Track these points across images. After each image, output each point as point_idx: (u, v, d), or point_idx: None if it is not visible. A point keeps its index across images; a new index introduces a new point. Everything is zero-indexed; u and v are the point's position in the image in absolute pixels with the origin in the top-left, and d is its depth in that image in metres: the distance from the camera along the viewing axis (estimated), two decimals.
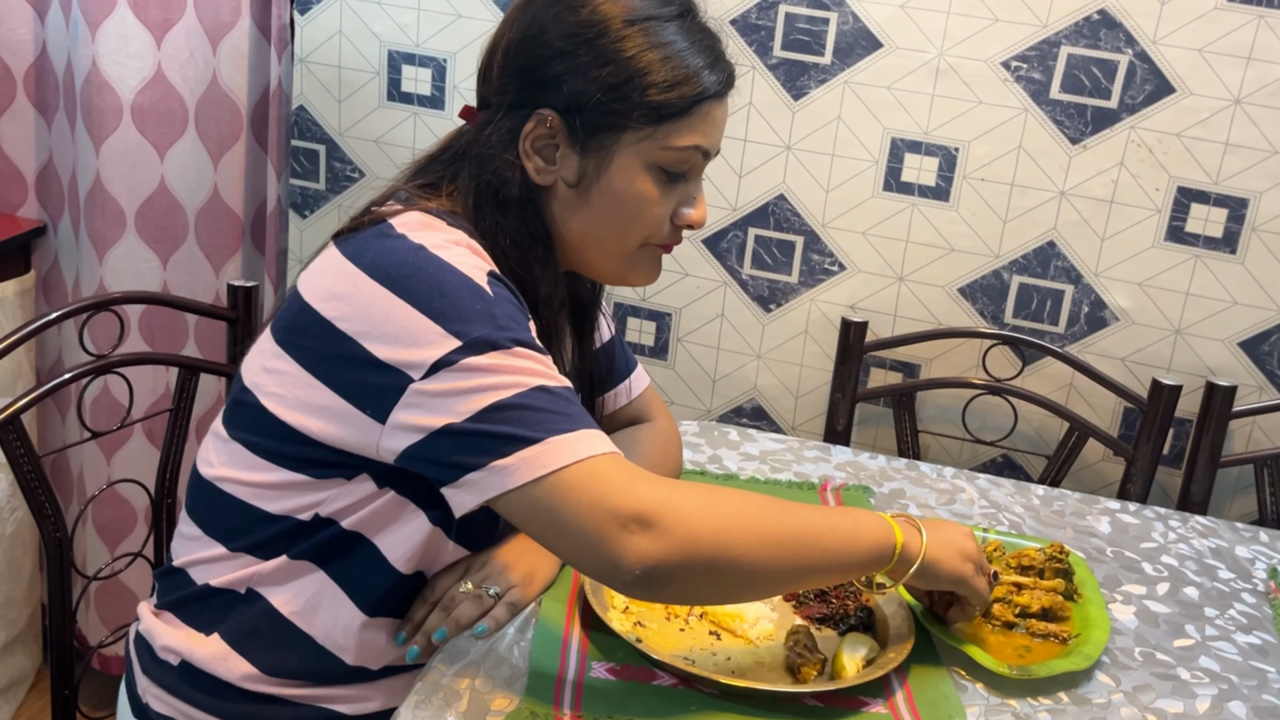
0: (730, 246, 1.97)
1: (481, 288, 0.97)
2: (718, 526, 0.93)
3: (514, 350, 0.95)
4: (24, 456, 1.29)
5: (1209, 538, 1.48)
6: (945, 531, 1.08)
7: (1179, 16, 1.72)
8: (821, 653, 1.07)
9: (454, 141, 1.12)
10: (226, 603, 1.08)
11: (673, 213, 1.11)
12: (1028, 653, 1.14)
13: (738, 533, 0.94)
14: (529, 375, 0.95)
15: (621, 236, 1.11)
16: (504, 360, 0.94)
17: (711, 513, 0.94)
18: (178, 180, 1.92)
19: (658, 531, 0.91)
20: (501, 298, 0.98)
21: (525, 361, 0.96)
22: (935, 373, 1.94)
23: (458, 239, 1.01)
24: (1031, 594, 1.20)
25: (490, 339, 0.95)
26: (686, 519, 0.92)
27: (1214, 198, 1.78)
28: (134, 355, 1.45)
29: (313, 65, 2.04)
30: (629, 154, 1.06)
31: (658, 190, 1.09)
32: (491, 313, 0.96)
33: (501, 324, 0.96)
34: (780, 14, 1.85)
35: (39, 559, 2.11)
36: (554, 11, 1.06)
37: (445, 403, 0.94)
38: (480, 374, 0.94)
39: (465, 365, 0.94)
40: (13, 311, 1.96)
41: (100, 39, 1.81)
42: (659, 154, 1.07)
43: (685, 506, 0.93)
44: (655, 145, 1.06)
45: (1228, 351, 1.83)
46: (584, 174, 1.07)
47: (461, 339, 0.94)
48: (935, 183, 1.87)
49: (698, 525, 0.93)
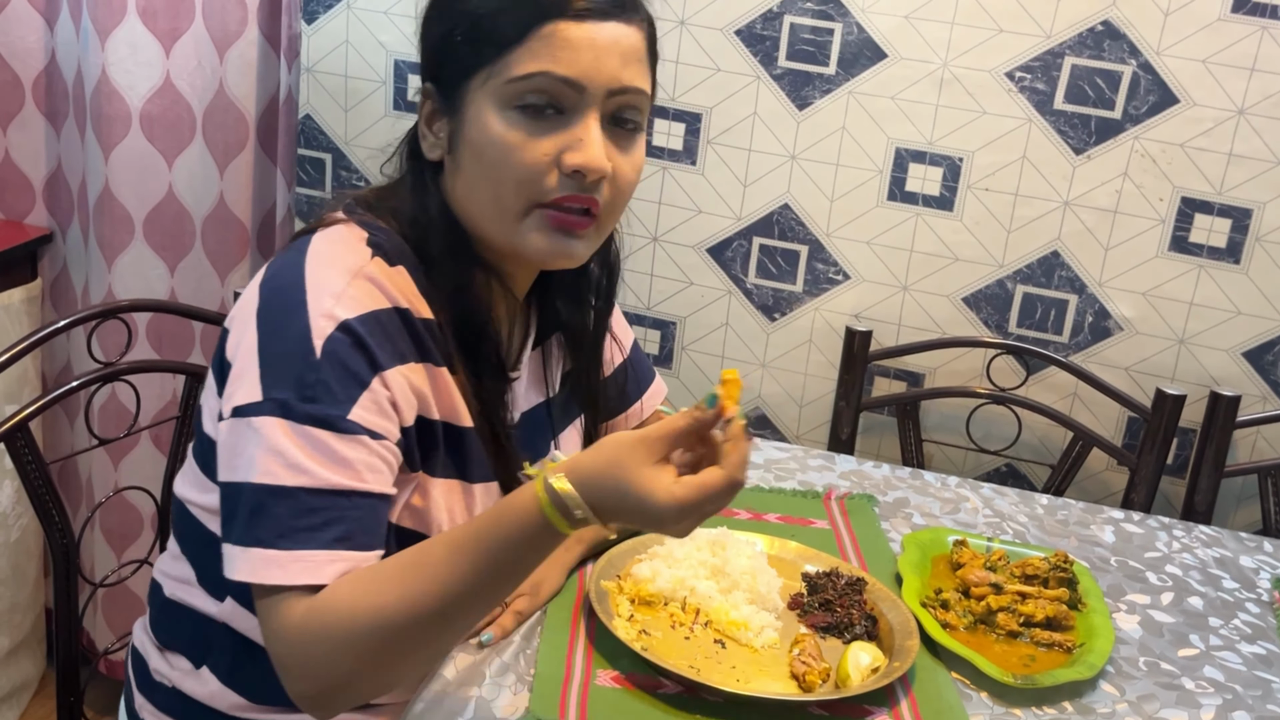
0: (735, 255, 1.97)
1: (312, 345, 0.91)
2: (366, 662, 0.86)
3: (303, 429, 0.89)
4: (32, 464, 1.30)
5: (1213, 547, 1.48)
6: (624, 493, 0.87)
7: (1183, 27, 1.72)
8: (826, 661, 1.07)
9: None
10: (210, 632, 1.07)
11: (558, 161, 0.98)
12: (1032, 662, 1.14)
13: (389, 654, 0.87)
14: (288, 468, 0.88)
15: (496, 194, 1.00)
16: (280, 436, 0.89)
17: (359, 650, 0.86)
18: (185, 188, 1.93)
19: (305, 684, 0.88)
20: (333, 361, 0.91)
21: (299, 445, 0.89)
22: (939, 382, 1.95)
23: (352, 265, 0.96)
24: (1036, 603, 1.21)
25: (286, 405, 0.89)
26: (334, 670, 0.87)
27: (1218, 208, 1.78)
28: (142, 363, 1.46)
29: (319, 74, 2.05)
30: (479, 99, 0.99)
31: (519, 132, 0.97)
32: (304, 378, 0.90)
33: (309, 393, 0.90)
34: (785, 25, 1.85)
35: (44, 564, 2.11)
36: None
37: (224, 453, 0.92)
38: (253, 440, 0.89)
39: (250, 423, 0.90)
40: (19, 318, 1.97)
41: (110, 48, 1.82)
42: (505, 89, 0.97)
43: (334, 658, 0.86)
44: (500, 82, 0.97)
45: (1232, 361, 1.83)
46: (452, 135, 1.02)
47: (263, 394, 0.90)
48: (939, 192, 1.87)
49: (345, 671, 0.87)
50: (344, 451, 0.90)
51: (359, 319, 0.94)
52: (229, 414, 0.92)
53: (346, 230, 1.01)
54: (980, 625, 1.20)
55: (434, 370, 1.01)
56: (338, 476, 0.90)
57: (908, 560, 1.28)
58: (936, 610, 1.19)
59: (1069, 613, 1.22)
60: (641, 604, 1.14)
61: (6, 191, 2.04)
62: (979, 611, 1.20)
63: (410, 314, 0.99)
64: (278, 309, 0.94)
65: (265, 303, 0.95)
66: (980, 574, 1.25)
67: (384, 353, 0.95)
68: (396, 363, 0.96)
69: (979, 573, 1.25)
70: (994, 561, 1.31)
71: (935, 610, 1.19)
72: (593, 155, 0.98)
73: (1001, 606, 1.20)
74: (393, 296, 0.97)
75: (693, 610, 1.14)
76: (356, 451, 0.91)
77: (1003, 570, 1.29)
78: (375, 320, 0.95)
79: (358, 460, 0.91)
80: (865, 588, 1.19)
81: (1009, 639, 1.18)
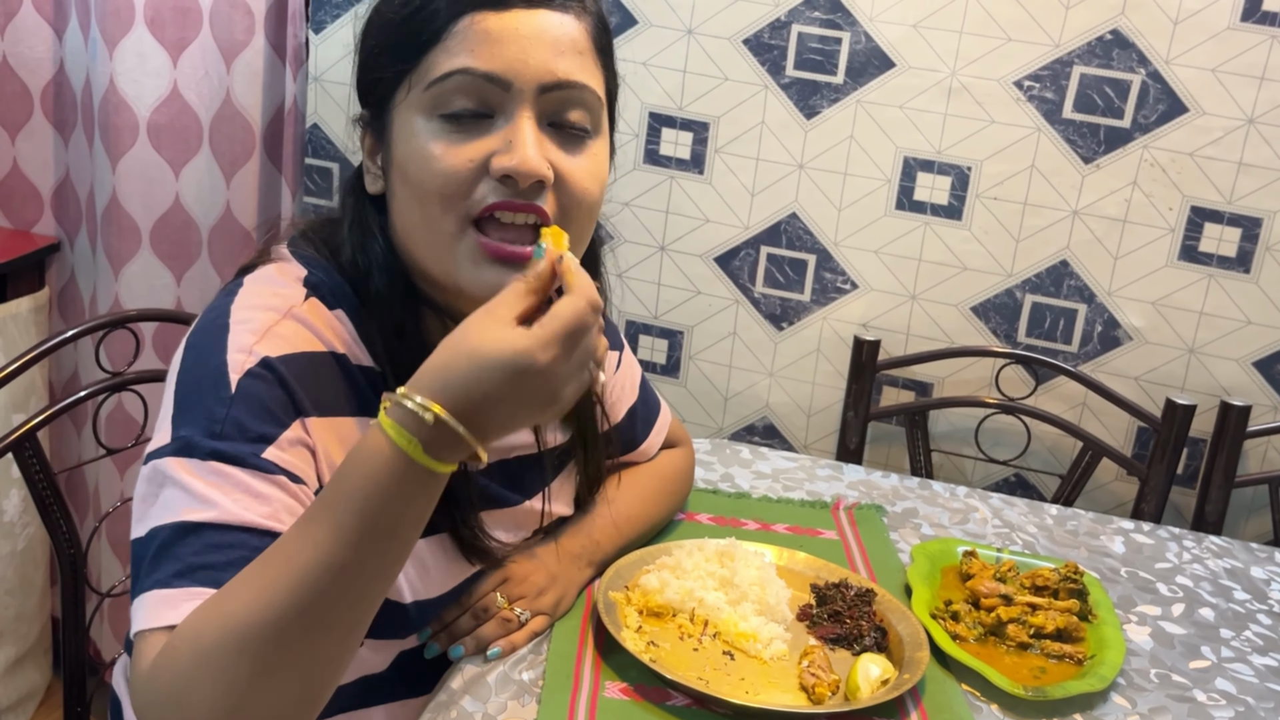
0: (742, 265, 1.97)
1: (227, 379, 0.84)
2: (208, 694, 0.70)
3: (207, 464, 0.80)
4: (40, 473, 1.30)
5: (1224, 558, 1.47)
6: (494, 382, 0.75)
7: (1192, 37, 1.72)
8: (836, 673, 1.06)
9: None
10: None
11: (486, 167, 0.89)
12: (1043, 674, 1.13)
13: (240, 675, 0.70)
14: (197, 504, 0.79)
15: (425, 215, 0.90)
16: (183, 474, 0.80)
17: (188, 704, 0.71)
18: (192, 198, 1.93)
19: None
20: (248, 398, 0.83)
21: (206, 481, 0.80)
22: (948, 391, 1.94)
23: (280, 305, 0.90)
24: (1046, 615, 1.20)
25: (190, 443, 0.81)
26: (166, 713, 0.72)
27: (1227, 217, 1.78)
28: (149, 372, 1.45)
29: (327, 84, 2.05)
30: (403, 113, 0.91)
31: (441, 141, 0.88)
32: (214, 414, 0.82)
33: (217, 429, 0.81)
34: (793, 34, 1.85)
35: (50, 574, 2.12)
36: None
37: (136, 505, 0.83)
38: (159, 484, 0.81)
39: (156, 467, 0.82)
40: (27, 327, 1.97)
41: (118, 57, 1.83)
42: (426, 97, 0.89)
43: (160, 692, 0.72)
44: (420, 90, 0.89)
45: (1242, 371, 1.82)
46: (384, 161, 0.95)
47: (173, 436, 0.83)
48: (948, 201, 1.87)
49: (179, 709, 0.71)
50: (259, 488, 0.81)
51: (283, 358, 0.87)
52: (142, 463, 0.84)
53: (282, 269, 0.95)
54: (990, 637, 1.19)
55: (366, 423, 0.92)
56: (251, 513, 0.80)
57: (917, 571, 1.27)
58: (946, 621, 1.19)
59: (1080, 624, 1.21)
60: (650, 615, 1.14)
61: (15, 201, 2.04)
62: (989, 623, 1.20)
63: (347, 360, 0.92)
64: (196, 348, 0.88)
65: (189, 346, 0.89)
66: (990, 585, 1.24)
67: (310, 400, 0.88)
68: (324, 414, 0.89)
69: (989, 584, 1.25)
70: (1004, 573, 1.30)
71: (945, 621, 1.19)
72: (525, 156, 0.87)
73: (1012, 618, 1.19)
74: (327, 340, 0.91)
75: (701, 621, 1.13)
76: (273, 490, 0.82)
77: (1013, 581, 1.28)
78: (304, 362, 0.88)
79: (275, 499, 0.81)
80: (874, 599, 1.18)
81: (1019, 651, 1.17)
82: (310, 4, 1.99)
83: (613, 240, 2.00)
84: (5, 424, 1.86)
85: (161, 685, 0.72)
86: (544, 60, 0.89)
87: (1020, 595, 1.24)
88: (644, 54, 1.90)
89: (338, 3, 2.01)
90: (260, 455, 0.82)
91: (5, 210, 2.05)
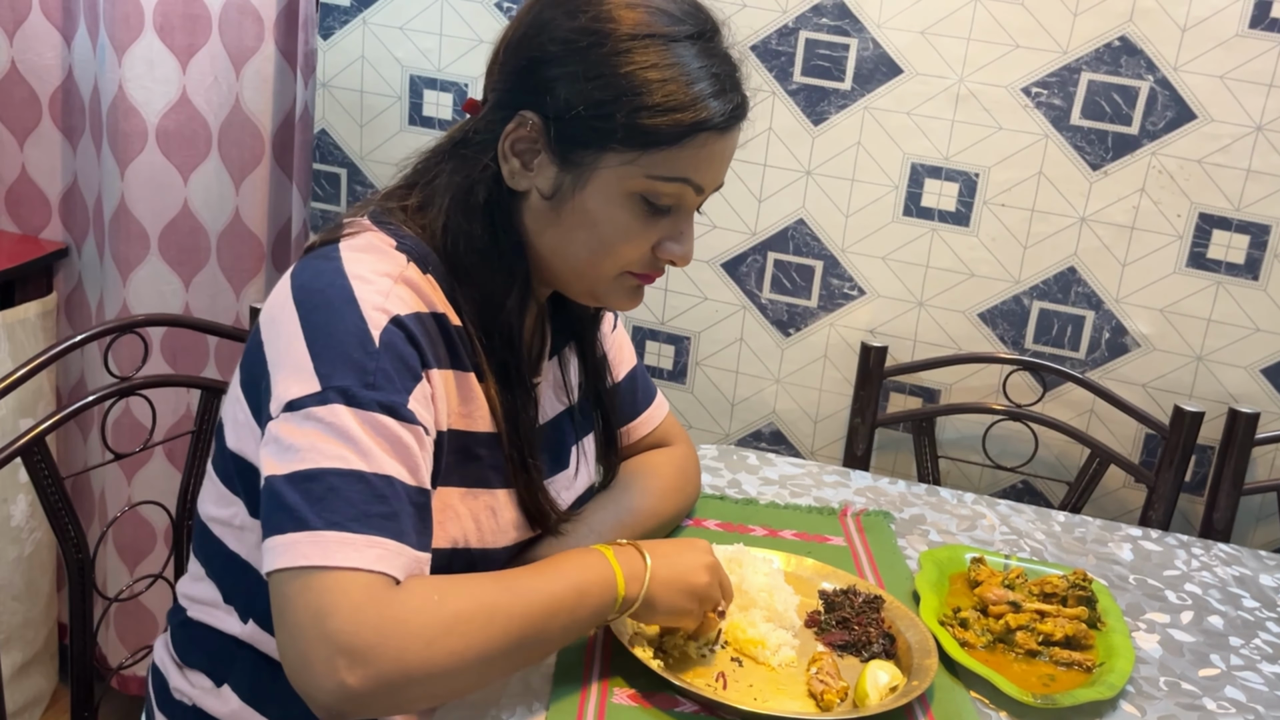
0: (749, 270, 1.97)
1: (369, 334, 0.91)
2: (435, 663, 0.85)
3: (370, 415, 0.89)
4: (48, 479, 1.30)
5: (1232, 565, 1.47)
6: (677, 566, 1.03)
7: (1200, 44, 1.72)
8: (844, 680, 1.06)
9: (452, 135, 1.08)
10: (232, 651, 1.06)
11: (656, 244, 1.03)
12: (1052, 681, 1.13)
13: (458, 663, 0.87)
14: (361, 454, 0.88)
15: (595, 261, 1.03)
16: (349, 422, 0.88)
17: (434, 649, 0.85)
18: (200, 203, 1.94)
19: (364, 669, 0.82)
20: (391, 351, 0.92)
21: (367, 432, 0.89)
22: (955, 398, 1.94)
23: (391, 270, 0.96)
24: (1055, 622, 1.20)
25: (349, 392, 0.89)
26: (401, 662, 0.83)
27: (1236, 224, 1.77)
28: (157, 377, 1.46)
29: (335, 89, 2.06)
30: (609, 176, 0.99)
31: (638, 220, 1.01)
32: (364, 365, 0.90)
33: (370, 380, 0.90)
34: (800, 40, 1.85)
35: (56, 579, 2.12)
36: (559, 13, 0.99)
37: (277, 450, 0.89)
38: (318, 428, 0.88)
39: (311, 414, 0.88)
40: (35, 332, 1.97)
41: (127, 64, 1.83)
42: (642, 182, 0.99)
43: (407, 646, 0.84)
44: (639, 172, 0.98)
45: (1250, 378, 1.82)
46: (559, 187, 1.01)
47: (322, 384, 0.89)
48: (955, 208, 1.87)
49: (413, 666, 0.84)
50: (406, 439, 0.91)
51: (408, 317, 0.95)
52: (280, 411, 0.90)
53: (375, 237, 1.01)
54: (999, 644, 1.19)
55: (463, 376, 1.02)
56: (400, 468, 0.90)
57: (925, 578, 1.27)
58: (955, 629, 1.18)
59: (1089, 632, 1.21)
60: None
61: (23, 206, 2.05)
62: (997, 630, 1.19)
63: (446, 319, 1.00)
64: (324, 307, 0.93)
65: (307, 303, 0.94)
66: (998, 592, 1.24)
67: (430, 353, 0.97)
68: (437, 365, 0.98)
69: (997, 591, 1.24)
70: (1011, 579, 1.30)
71: (953, 629, 1.18)
72: (689, 250, 1.05)
73: (1020, 625, 1.19)
74: (430, 301, 0.98)
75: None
76: (413, 442, 0.91)
77: (1021, 588, 1.28)
78: (422, 320, 0.96)
79: (414, 451, 0.91)
80: (883, 605, 1.18)
81: (1028, 658, 1.17)
82: (319, 10, 2.00)
83: None
84: (13, 429, 1.86)
85: (413, 625, 0.84)
86: (726, 170, 1.05)
87: (1029, 602, 1.23)
88: None
89: (346, 10, 2.02)
90: (407, 406, 0.92)
91: (14, 216, 2.05)
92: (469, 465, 1.04)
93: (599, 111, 0.97)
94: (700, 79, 0.97)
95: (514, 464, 1.06)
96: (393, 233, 1.02)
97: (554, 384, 1.19)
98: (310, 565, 0.84)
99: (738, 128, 1.02)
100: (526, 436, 1.06)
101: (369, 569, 0.85)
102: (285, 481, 0.87)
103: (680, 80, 0.97)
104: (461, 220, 1.02)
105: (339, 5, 2.02)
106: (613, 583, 0.98)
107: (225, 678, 1.07)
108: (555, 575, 0.96)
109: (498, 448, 1.05)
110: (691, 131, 0.97)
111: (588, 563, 0.99)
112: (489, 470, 1.05)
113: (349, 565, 0.84)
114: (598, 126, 0.97)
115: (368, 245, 0.99)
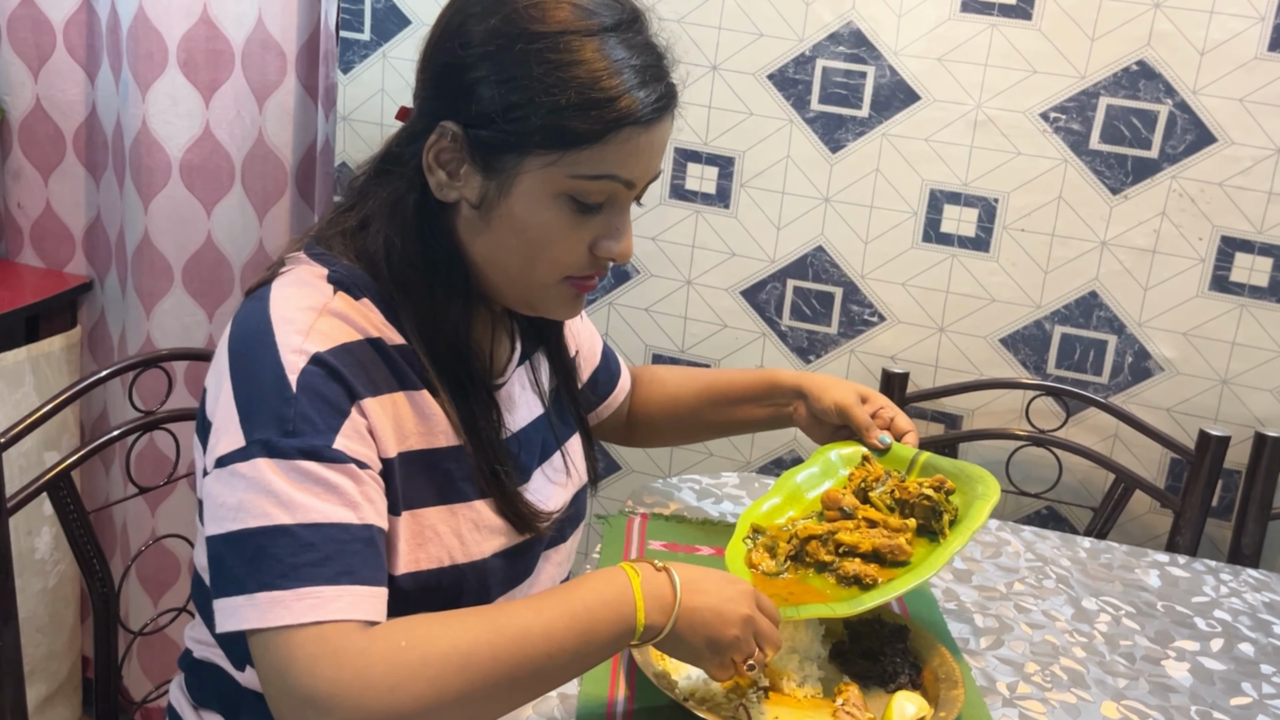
0: (769, 298, 1.97)
1: (286, 380, 0.90)
2: (402, 708, 0.83)
3: (292, 464, 0.88)
4: (74, 513, 1.30)
5: (1262, 591, 1.45)
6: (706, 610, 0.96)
7: (1218, 67, 1.72)
8: (871, 711, 1.05)
9: (383, 150, 1.06)
10: (239, 693, 1.06)
11: (592, 243, 1.00)
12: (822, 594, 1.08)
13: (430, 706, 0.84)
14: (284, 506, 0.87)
15: (528, 266, 1.00)
16: (269, 475, 0.87)
17: (398, 694, 0.83)
18: (224, 236, 1.95)
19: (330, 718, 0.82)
20: (309, 393, 0.90)
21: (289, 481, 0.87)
22: (977, 424, 1.93)
23: (315, 303, 0.95)
24: (857, 534, 1.12)
25: (270, 443, 0.88)
26: (362, 709, 0.82)
27: (1258, 246, 1.76)
28: (181, 411, 1.46)
29: (355, 123, 2.08)
30: (533, 180, 0.96)
31: (567, 221, 0.98)
32: (283, 414, 0.89)
33: (289, 427, 0.88)
34: (818, 68, 1.86)
35: (80, 611, 2.12)
36: (473, 14, 0.97)
37: (211, 508, 0.89)
38: (243, 485, 0.87)
39: (235, 470, 0.88)
40: (59, 366, 1.99)
41: (150, 99, 1.85)
42: (567, 183, 0.96)
43: (366, 694, 0.82)
44: (562, 173, 0.95)
45: (1276, 401, 1.80)
46: (485, 195, 0.98)
47: (245, 438, 0.89)
48: (975, 233, 1.86)
49: (377, 713, 0.82)
50: (335, 480, 0.89)
51: (330, 351, 0.93)
52: (212, 467, 0.90)
53: (304, 271, 0.99)
54: (792, 562, 1.13)
55: (415, 395, 1.00)
56: (333, 509, 0.88)
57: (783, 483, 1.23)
58: (755, 551, 1.13)
59: (903, 549, 1.11)
60: None
61: (47, 241, 2.07)
62: (800, 540, 1.13)
63: (383, 343, 0.98)
64: (246, 356, 0.93)
65: (235, 353, 0.94)
66: (845, 499, 1.17)
67: (359, 383, 0.94)
68: (373, 393, 0.95)
69: (847, 499, 1.16)
70: (870, 483, 1.20)
71: (754, 552, 1.14)
72: (627, 245, 1.02)
73: (811, 534, 1.12)
74: (362, 328, 0.97)
75: None
76: (346, 481, 0.89)
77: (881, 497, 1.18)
78: (347, 352, 0.94)
79: (349, 490, 0.89)
80: (908, 636, 1.17)
81: (817, 571, 1.11)
82: (339, 45, 2.01)
83: (639, 275, 2.00)
84: (38, 462, 1.87)
85: (375, 672, 0.83)
86: (658, 162, 1.01)
87: (862, 511, 1.16)
88: None
89: (366, 44, 2.04)
90: (332, 446, 0.90)
91: (38, 250, 2.07)
92: (441, 481, 1.02)
93: (515, 114, 0.94)
94: (619, 72, 0.94)
95: (483, 474, 1.04)
96: (326, 261, 1.00)
97: (530, 387, 1.18)
98: (254, 629, 0.85)
99: (666, 118, 0.98)
100: (491, 445, 1.04)
101: (305, 623, 0.84)
102: (222, 542, 0.88)
103: (598, 76, 0.93)
104: (395, 237, 1.00)
105: (359, 40, 2.04)
106: (631, 609, 0.93)
107: (237, 717, 1.07)
108: (558, 606, 0.91)
109: (465, 460, 1.03)
110: (613, 127, 0.94)
111: (604, 589, 0.93)
112: (461, 483, 1.03)
113: (285, 624, 0.84)
114: (516, 130, 0.94)
115: (296, 280, 0.98)
